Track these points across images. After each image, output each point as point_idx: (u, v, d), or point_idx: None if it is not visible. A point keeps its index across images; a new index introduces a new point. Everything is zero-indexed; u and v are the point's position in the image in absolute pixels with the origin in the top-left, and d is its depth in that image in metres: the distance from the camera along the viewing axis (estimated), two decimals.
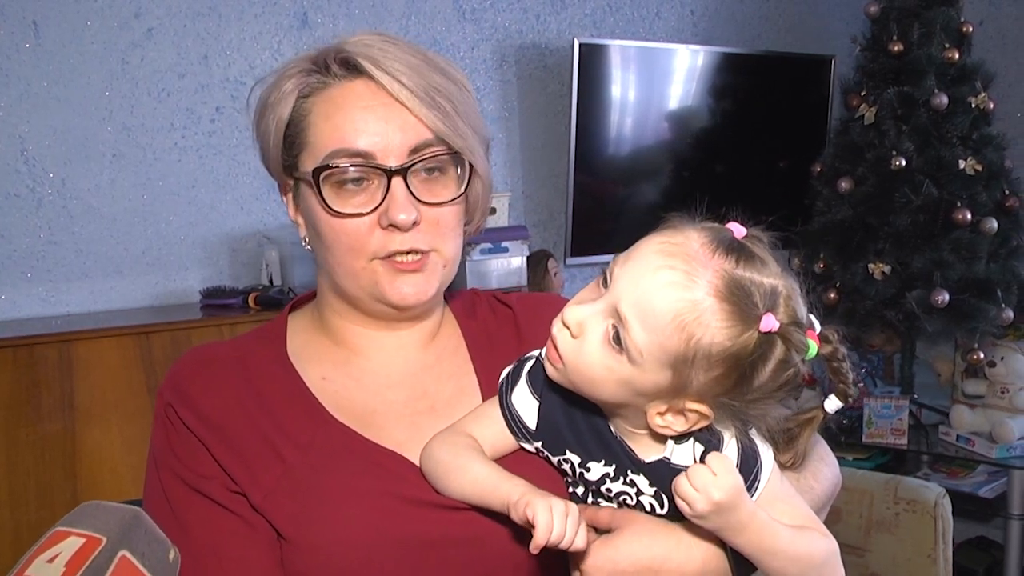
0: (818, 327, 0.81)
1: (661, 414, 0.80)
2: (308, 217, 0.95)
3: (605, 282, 0.80)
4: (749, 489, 0.81)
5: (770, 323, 0.74)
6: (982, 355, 2.61)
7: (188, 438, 0.91)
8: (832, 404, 0.84)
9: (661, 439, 0.83)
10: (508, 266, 2.42)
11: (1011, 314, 2.58)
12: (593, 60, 2.62)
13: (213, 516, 0.89)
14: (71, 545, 0.62)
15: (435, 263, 0.94)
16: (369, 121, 0.90)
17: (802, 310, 0.78)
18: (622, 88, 2.72)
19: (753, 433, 0.84)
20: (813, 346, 0.78)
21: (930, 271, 2.57)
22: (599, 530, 0.87)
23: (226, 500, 0.89)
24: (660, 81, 2.82)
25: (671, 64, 2.81)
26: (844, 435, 2.80)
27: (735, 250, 0.76)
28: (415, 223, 0.90)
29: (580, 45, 2.57)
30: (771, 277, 0.76)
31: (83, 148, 2.09)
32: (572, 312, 0.79)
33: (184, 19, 2.19)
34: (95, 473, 1.75)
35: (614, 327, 0.77)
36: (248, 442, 0.90)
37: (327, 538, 0.86)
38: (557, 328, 0.81)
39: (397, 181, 0.89)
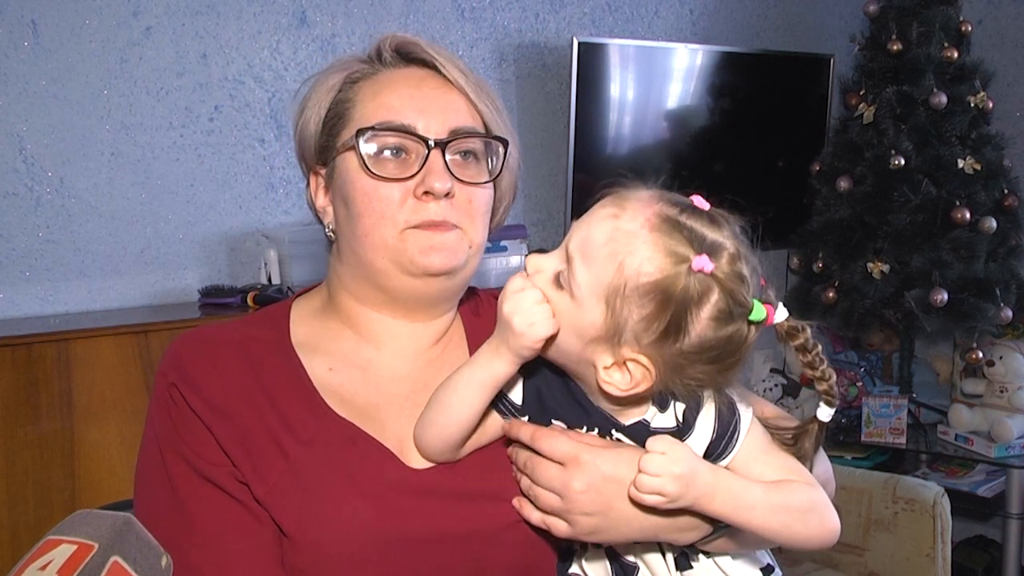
0: (781, 308, 0.80)
1: (607, 368, 0.80)
2: (341, 191, 0.95)
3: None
4: (727, 446, 0.84)
5: (702, 263, 0.74)
6: (981, 354, 2.61)
7: (194, 422, 0.90)
8: (824, 412, 0.85)
9: (640, 405, 0.85)
10: (507, 265, 2.41)
11: (1010, 313, 2.58)
12: (592, 59, 2.62)
13: (219, 504, 0.88)
14: (63, 552, 0.63)
15: (463, 240, 0.94)
16: (415, 99, 0.93)
17: (751, 278, 0.77)
18: (621, 87, 2.72)
19: (735, 393, 0.85)
20: (760, 308, 0.77)
21: (929, 270, 2.57)
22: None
23: (233, 489, 0.88)
24: (659, 80, 2.81)
25: (670, 63, 2.81)
26: (843, 434, 2.80)
27: (685, 206, 0.79)
28: (448, 194, 0.92)
29: (579, 44, 2.57)
30: (718, 235, 0.77)
31: (81, 147, 2.09)
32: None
33: (183, 18, 2.18)
34: (93, 472, 1.75)
35: (560, 270, 0.80)
36: (253, 434, 0.89)
37: (327, 536, 0.86)
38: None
39: (435, 153, 0.92)
